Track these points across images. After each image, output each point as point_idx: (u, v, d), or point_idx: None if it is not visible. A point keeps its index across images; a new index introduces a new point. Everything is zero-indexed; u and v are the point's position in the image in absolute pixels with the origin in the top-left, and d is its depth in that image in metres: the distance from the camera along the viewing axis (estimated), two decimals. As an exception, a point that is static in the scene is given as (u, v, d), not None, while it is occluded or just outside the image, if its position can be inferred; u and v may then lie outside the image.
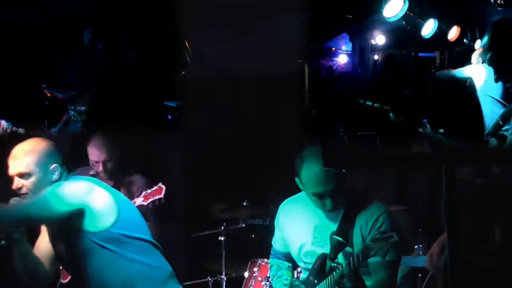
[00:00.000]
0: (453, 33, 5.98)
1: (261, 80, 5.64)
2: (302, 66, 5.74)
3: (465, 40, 6.04)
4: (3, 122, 4.29)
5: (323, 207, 2.98)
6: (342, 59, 7.54)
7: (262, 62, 5.57)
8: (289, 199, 3.23)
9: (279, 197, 3.32)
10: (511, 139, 3.14)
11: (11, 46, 5.02)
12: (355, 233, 2.97)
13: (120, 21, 5.18)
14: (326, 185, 2.89)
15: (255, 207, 5.18)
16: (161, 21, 5.14)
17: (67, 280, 4.15)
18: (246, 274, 4.49)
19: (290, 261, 3.28)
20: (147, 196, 3.81)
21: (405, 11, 5.05)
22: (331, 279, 2.91)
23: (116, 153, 4.22)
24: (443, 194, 1.74)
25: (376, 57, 7.32)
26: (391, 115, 4.29)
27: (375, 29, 6.78)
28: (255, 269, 4.42)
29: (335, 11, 5.81)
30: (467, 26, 6.00)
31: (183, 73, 5.30)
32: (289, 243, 3.19)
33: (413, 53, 7.06)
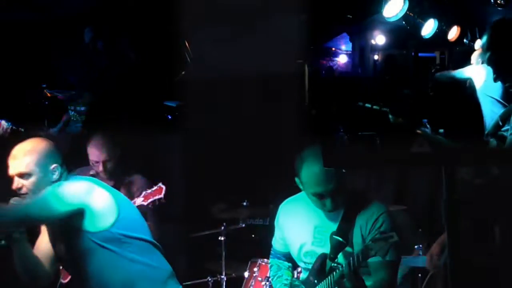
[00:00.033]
0: (453, 33, 5.99)
1: (261, 80, 5.64)
2: (302, 66, 5.74)
3: (465, 40, 6.04)
4: (3, 122, 4.29)
5: (323, 207, 2.98)
6: (342, 59, 7.55)
7: (262, 62, 5.57)
8: (289, 199, 3.23)
9: (279, 197, 3.32)
10: (511, 139, 3.13)
11: (11, 46, 5.02)
12: (355, 233, 2.97)
13: (120, 21, 5.18)
14: (326, 185, 2.89)
15: (255, 207, 5.18)
16: (161, 21, 5.14)
17: (67, 280, 4.15)
18: (246, 274, 4.49)
19: (290, 261, 3.28)
20: (147, 196, 3.81)
21: (405, 11, 5.05)
22: (331, 279, 2.91)
23: (116, 153, 4.22)
24: (443, 194, 1.74)
25: (376, 57, 7.33)
26: (390, 117, 4.28)
27: (375, 29, 6.79)
28: (255, 269, 4.42)
29: (335, 11, 5.81)
30: (467, 26, 6.00)
31: (183, 73, 5.30)
32: (289, 243, 3.19)
33: (413, 53, 7.06)
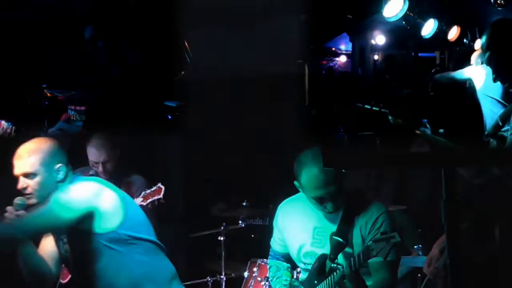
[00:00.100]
0: (453, 33, 5.99)
1: (261, 80, 5.64)
2: (302, 66, 5.74)
3: (465, 40, 6.05)
4: (3, 122, 4.28)
5: (323, 209, 2.97)
6: (342, 59, 7.56)
7: (262, 62, 5.57)
8: (288, 199, 3.21)
9: (278, 197, 3.31)
10: (510, 139, 3.13)
11: (11, 46, 5.02)
12: (355, 233, 2.96)
13: (120, 21, 5.18)
14: (327, 188, 2.87)
15: (255, 207, 5.18)
16: (161, 21, 5.14)
17: (66, 280, 4.14)
18: (246, 274, 4.49)
19: (289, 261, 3.26)
20: (146, 196, 3.81)
21: (405, 11, 5.06)
22: (331, 279, 2.91)
23: (116, 153, 4.21)
24: (443, 194, 1.74)
25: (376, 57, 7.33)
26: (390, 118, 4.29)
27: (375, 29, 6.79)
28: (255, 269, 4.42)
29: (335, 11, 5.81)
30: (467, 26, 6.01)
31: (183, 73, 5.29)
32: (288, 244, 3.17)
33: (413, 53, 7.07)
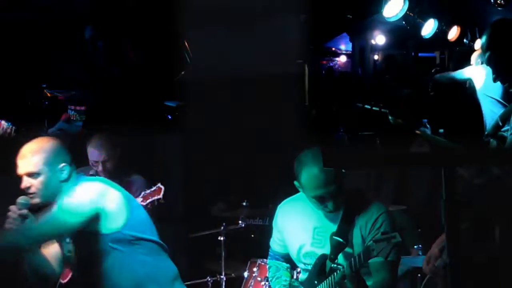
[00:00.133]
0: (453, 33, 5.99)
1: (261, 80, 5.64)
2: (302, 66, 5.74)
3: (465, 40, 6.04)
4: (3, 122, 4.28)
5: (324, 208, 2.97)
6: (342, 59, 7.55)
7: (262, 62, 5.57)
8: (287, 200, 3.21)
9: (278, 197, 3.31)
10: (510, 139, 3.13)
11: (11, 46, 5.02)
12: (355, 233, 2.96)
13: (120, 21, 5.18)
14: (327, 187, 2.87)
15: (255, 207, 5.18)
16: (161, 21, 5.14)
17: (66, 280, 4.14)
18: (246, 274, 4.49)
19: (288, 262, 3.26)
20: (146, 196, 3.81)
21: (405, 11, 5.05)
22: (332, 280, 2.90)
23: (116, 153, 4.21)
24: (442, 194, 1.74)
25: (376, 57, 7.32)
26: (390, 118, 4.29)
27: (375, 29, 6.77)
28: (255, 269, 4.42)
29: (335, 11, 5.81)
30: (467, 26, 6.00)
31: (183, 73, 5.29)
32: (288, 244, 3.17)
33: (413, 53, 7.06)
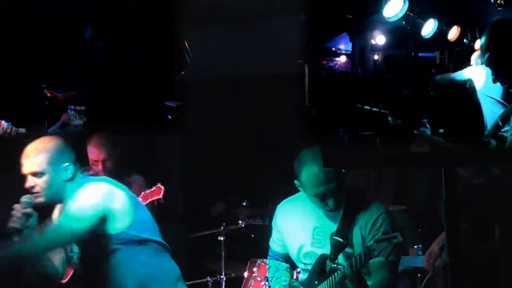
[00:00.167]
0: (453, 33, 5.98)
1: (261, 80, 5.64)
2: (302, 66, 5.74)
3: (465, 40, 6.04)
4: (3, 122, 4.28)
5: (325, 207, 2.96)
6: (342, 59, 7.54)
7: (262, 62, 5.57)
8: (286, 200, 3.21)
9: (278, 197, 3.31)
10: (511, 140, 3.13)
11: (11, 46, 5.02)
12: (355, 233, 2.96)
13: (120, 21, 5.18)
14: (328, 185, 2.87)
15: (255, 207, 5.18)
16: (161, 21, 5.14)
17: (66, 280, 4.14)
18: (246, 274, 4.49)
19: (288, 262, 3.25)
20: (146, 196, 3.81)
21: (405, 11, 5.05)
22: (332, 280, 2.90)
23: (116, 152, 4.22)
24: (443, 194, 1.74)
25: (376, 57, 7.31)
26: (389, 119, 4.29)
27: (375, 29, 6.77)
28: (255, 269, 4.42)
29: (335, 11, 5.81)
30: (467, 26, 6.00)
31: (183, 73, 5.30)
32: (287, 244, 3.17)
33: (413, 53, 7.05)
